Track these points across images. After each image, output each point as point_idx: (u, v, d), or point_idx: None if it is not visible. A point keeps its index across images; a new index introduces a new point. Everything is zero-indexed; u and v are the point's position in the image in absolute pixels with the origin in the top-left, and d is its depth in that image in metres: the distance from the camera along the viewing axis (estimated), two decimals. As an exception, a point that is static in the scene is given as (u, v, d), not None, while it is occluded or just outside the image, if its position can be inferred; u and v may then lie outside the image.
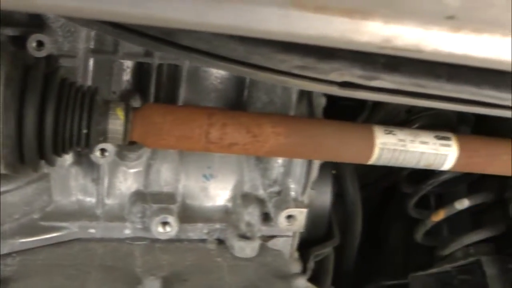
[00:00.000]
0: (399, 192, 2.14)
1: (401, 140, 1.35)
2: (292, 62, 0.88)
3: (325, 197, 1.69)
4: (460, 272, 1.93)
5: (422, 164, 1.39)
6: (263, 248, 1.54)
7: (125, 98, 1.47)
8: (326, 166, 1.65)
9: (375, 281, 2.15)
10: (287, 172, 1.54)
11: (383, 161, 1.36)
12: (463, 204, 1.83)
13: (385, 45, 0.69)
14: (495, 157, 1.46)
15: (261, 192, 1.58)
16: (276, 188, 1.56)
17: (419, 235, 1.95)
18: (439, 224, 2.10)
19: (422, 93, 0.98)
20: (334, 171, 1.72)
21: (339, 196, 2.06)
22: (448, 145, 1.39)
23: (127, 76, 1.48)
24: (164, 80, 1.49)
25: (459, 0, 0.60)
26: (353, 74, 0.90)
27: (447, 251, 1.90)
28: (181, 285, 1.39)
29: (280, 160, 1.55)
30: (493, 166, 1.48)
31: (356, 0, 0.64)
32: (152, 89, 1.44)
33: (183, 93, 1.48)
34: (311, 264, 1.69)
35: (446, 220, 2.10)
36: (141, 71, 1.47)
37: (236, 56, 0.90)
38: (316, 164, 1.54)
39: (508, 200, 1.78)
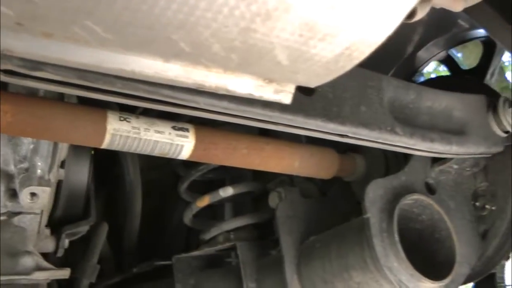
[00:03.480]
0: (183, 174, 2.17)
1: (135, 127, 1.37)
2: None
3: (82, 176, 1.69)
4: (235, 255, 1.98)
5: (157, 152, 1.42)
6: (5, 224, 1.54)
7: None
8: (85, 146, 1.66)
9: (149, 260, 2.17)
10: (35, 150, 1.53)
11: (116, 147, 1.38)
12: (227, 191, 1.88)
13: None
14: (234, 151, 1.52)
15: (11, 168, 1.56)
16: (25, 165, 1.54)
17: (187, 218, 1.99)
18: (222, 207, 2.16)
19: (94, 87, 0.99)
20: (93, 152, 1.72)
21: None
22: (185, 136, 1.43)
23: None
24: None
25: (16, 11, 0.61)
26: (13, 64, 0.91)
27: (208, 236, 1.95)
28: None
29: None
30: (233, 158, 1.53)
31: None
32: None
33: None
34: (63, 242, 1.69)
35: (232, 204, 2.16)
36: None
37: None
38: (65, 144, 1.54)
39: (270, 191, 1.84)
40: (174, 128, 1.43)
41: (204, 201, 1.90)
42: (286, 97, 0.87)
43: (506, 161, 1.78)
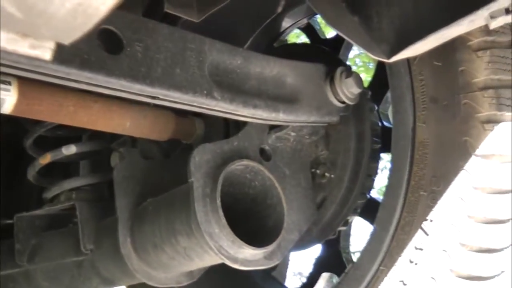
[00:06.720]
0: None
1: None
2: None
3: None
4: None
5: (-25, 105, 1.38)
6: None
7: None
8: None
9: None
10: None
11: None
12: (70, 150, 1.83)
13: None
14: (60, 108, 1.48)
15: None
16: None
17: (30, 175, 1.94)
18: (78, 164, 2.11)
19: None
20: None
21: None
22: (7, 90, 1.38)
23: None
24: None
25: None
26: None
27: (50, 194, 1.91)
28: None
29: None
30: (59, 116, 1.50)
31: None
32: None
33: None
34: None
35: (90, 162, 2.11)
36: None
37: None
38: None
39: (113, 151, 1.81)
40: (-5, 80, 1.38)
41: (46, 159, 1.85)
42: (45, 53, 0.84)
43: (348, 130, 1.81)
